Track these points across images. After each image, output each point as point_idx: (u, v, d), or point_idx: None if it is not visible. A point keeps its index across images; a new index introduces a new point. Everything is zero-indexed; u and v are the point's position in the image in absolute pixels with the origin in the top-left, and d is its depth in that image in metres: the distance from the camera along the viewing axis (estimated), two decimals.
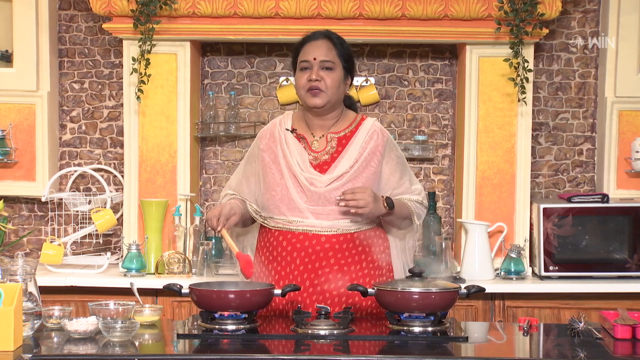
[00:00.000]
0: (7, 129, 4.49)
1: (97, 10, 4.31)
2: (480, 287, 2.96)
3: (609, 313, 2.91)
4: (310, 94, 3.16)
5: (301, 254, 3.11)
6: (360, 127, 3.23)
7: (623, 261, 4.24)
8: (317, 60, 3.16)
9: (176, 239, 4.33)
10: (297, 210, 3.13)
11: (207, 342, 2.73)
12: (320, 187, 3.12)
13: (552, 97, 4.68)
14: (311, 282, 3.09)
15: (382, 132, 3.25)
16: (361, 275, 3.13)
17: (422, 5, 4.24)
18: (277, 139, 3.23)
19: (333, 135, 3.21)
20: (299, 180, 3.14)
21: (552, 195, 4.66)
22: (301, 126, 3.25)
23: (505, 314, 4.13)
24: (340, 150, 3.19)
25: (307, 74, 3.17)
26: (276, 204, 3.16)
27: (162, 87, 4.38)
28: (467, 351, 2.71)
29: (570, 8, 4.60)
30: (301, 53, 3.20)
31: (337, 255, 3.11)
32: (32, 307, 2.77)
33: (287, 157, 3.18)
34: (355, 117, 3.28)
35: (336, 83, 3.17)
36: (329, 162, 3.18)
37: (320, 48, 3.18)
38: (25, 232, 4.64)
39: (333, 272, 3.11)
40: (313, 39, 3.21)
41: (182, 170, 4.40)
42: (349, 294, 3.09)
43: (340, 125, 3.24)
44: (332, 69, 3.17)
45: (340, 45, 3.21)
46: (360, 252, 3.15)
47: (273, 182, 3.18)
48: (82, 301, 3.95)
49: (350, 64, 3.24)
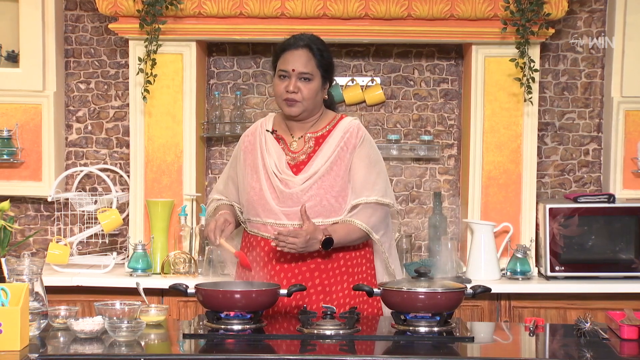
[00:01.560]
0: (14, 129, 4.50)
1: (103, 11, 4.31)
2: (486, 287, 2.96)
3: (616, 313, 2.90)
4: (286, 102, 3.17)
5: (277, 255, 3.13)
6: (337, 126, 3.24)
7: (629, 261, 4.23)
8: (296, 71, 3.14)
9: (182, 239, 4.33)
10: (271, 212, 3.15)
11: (213, 342, 2.73)
12: (294, 187, 3.14)
13: (558, 97, 4.68)
14: (288, 283, 3.10)
15: (358, 130, 3.22)
16: (338, 273, 3.15)
17: (428, 5, 4.24)
18: (257, 140, 3.25)
19: (310, 135, 3.23)
20: (273, 182, 3.16)
21: (558, 196, 4.66)
22: (281, 127, 3.27)
23: (511, 314, 4.13)
24: (316, 149, 3.20)
25: (285, 83, 3.16)
26: (253, 205, 3.19)
27: (168, 87, 4.39)
28: (473, 351, 2.71)
29: (576, 8, 4.59)
30: (281, 60, 3.18)
31: (313, 258, 3.13)
32: (38, 307, 2.77)
33: (265, 158, 3.20)
34: (334, 116, 3.28)
35: (313, 93, 3.17)
36: (305, 161, 3.19)
37: (300, 59, 3.15)
38: (32, 232, 4.64)
39: (310, 271, 3.13)
40: (293, 47, 3.17)
41: (188, 170, 4.40)
42: (327, 293, 3.11)
43: (318, 125, 3.25)
44: (310, 80, 3.16)
45: (320, 55, 3.18)
46: (334, 259, 3.15)
47: (250, 183, 3.21)
48: (88, 301, 3.95)
49: (330, 72, 3.23)
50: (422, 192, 4.67)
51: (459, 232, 4.61)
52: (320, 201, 3.13)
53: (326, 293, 3.14)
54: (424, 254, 4.63)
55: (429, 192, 4.67)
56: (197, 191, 4.41)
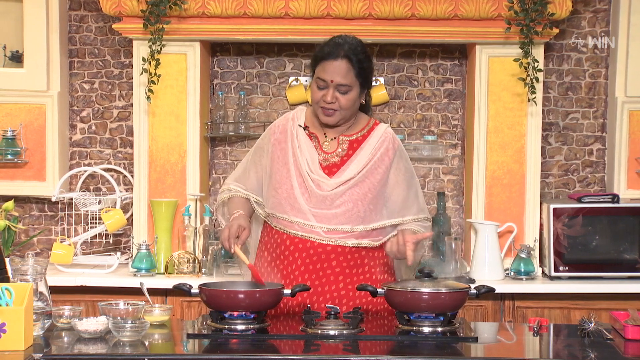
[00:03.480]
0: (18, 129, 4.51)
1: (107, 11, 4.32)
2: (490, 287, 2.96)
3: (620, 313, 2.90)
4: (322, 111, 3.14)
5: (302, 254, 3.11)
6: (373, 133, 3.21)
7: (633, 261, 4.23)
8: (334, 82, 3.10)
9: (186, 239, 4.33)
10: (300, 211, 3.12)
11: (216, 342, 2.73)
12: (326, 190, 3.11)
13: (562, 97, 4.67)
14: (312, 283, 3.09)
15: (394, 140, 3.22)
16: (363, 279, 3.13)
17: (432, 5, 4.24)
18: (288, 134, 3.20)
19: (345, 138, 3.19)
20: (305, 181, 3.13)
21: (562, 196, 4.65)
22: (314, 124, 3.23)
23: (515, 315, 4.13)
24: (350, 154, 3.17)
25: (322, 92, 3.11)
26: (280, 202, 3.15)
27: (171, 87, 4.39)
28: (477, 351, 2.71)
29: (580, 8, 4.59)
30: (319, 68, 3.13)
31: (339, 262, 3.12)
32: (42, 307, 2.78)
33: (296, 155, 3.16)
34: (369, 121, 3.25)
35: (351, 103, 3.13)
36: (338, 164, 3.16)
37: (339, 70, 3.09)
38: (36, 232, 4.65)
39: (334, 274, 3.11)
40: (332, 57, 3.10)
41: (192, 170, 4.41)
42: (350, 297, 3.10)
43: (353, 128, 3.21)
44: (348, 91, 3.12)
45: (360, 65, 3.11)
46: (360, 264, 3.14)
47: (280, 179, 3.16)
48: (92, 301, 3.96)
49: (369, 79, 3.18)
50: (425, 192, 4.67)
51: (463, 232, 4.61)
52: (352, 208, 3.11)
53: (349, 298, 3.11)
54: (427, 254, 4.62)
55: (433, 192, 4.66)
56: (200, 191, 4.41)
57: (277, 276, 3.14)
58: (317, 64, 3.14)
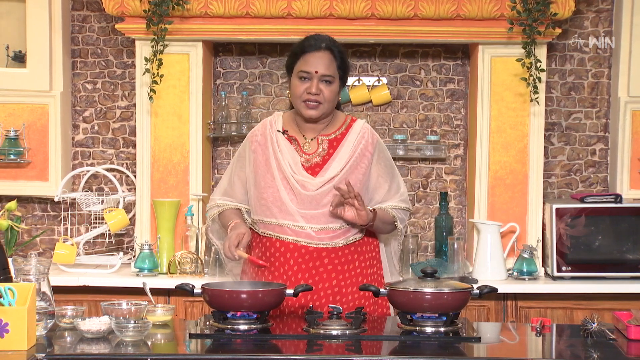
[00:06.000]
0: (20, 129, 4.51)
1: (109, 11, 4.32)
2: (493, 287, 2.95)
3: (622, 314, 2.90)
4: (306, 105, 3.16)
5: (294, 254, 3.13)
6: (351, 130, 3.24)
7: (636, 262, 4.22)
8: (318, 73, 3.13)
9: (188, 238, 4.34)
10: (288, 213, 3.14)
11: (219, 342, 2.73)
12: (311, 189, 3.14)
13: (565, 97, 4.67)
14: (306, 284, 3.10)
15: (372, 134, 3.26)
16: (354, 275, 3.16)
17: (435, 5, 4.24)
18: (268, 140, 3.23)
19: (324, 137, 3.23)
20: (290, 182, 3.15)
21: (564, 196, 4.65)
22: (292, 127, 3.26)
23: (517, 315, 4.13)
24: (331, 153, 3.20)
25: (305, 85, 3.15)
26: (267, 206, 3.17)
27: (174, 87, 4.39)
28: (480, 352, 2.71)
29: (583, 8, 4.59)
30: (301, 61, 3.17)
31: (330, 259, 3.14)
32: (45, 307, 2.78)
33: (278, 159, 3.18)
34: (345, 118, 3.29)
35: (334, 96, 3.18)
36: (320, 164, 3.19)
37: (322, 61, 3.14)
38: (38, 232, 4.65)
39: (327, 272, 3.13)
40: (315, 49, 3.16)
41: (195, 170, 4.41)
42: (343, 294, 3.12)
43: (330, 127, 3.25)
44: (332, 82, 3.16)
45: (340, 57, 3.19)
46: (350, 260, 3.17)
47: (265, 184, 3.18)
48: (95, 301, 3.96)
49: (347, 74, 3.25)
50: (428, 192, 4.67)
51: (466, 232, 4.61)
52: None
53: (342, 294, 3.14)
54: (430, 254, 4.63)
55: (436, 192, 4.66)
56: (203, 191, 4.41)
57: (269, 279, 3.15)
58: (298, 59, 3.18)
